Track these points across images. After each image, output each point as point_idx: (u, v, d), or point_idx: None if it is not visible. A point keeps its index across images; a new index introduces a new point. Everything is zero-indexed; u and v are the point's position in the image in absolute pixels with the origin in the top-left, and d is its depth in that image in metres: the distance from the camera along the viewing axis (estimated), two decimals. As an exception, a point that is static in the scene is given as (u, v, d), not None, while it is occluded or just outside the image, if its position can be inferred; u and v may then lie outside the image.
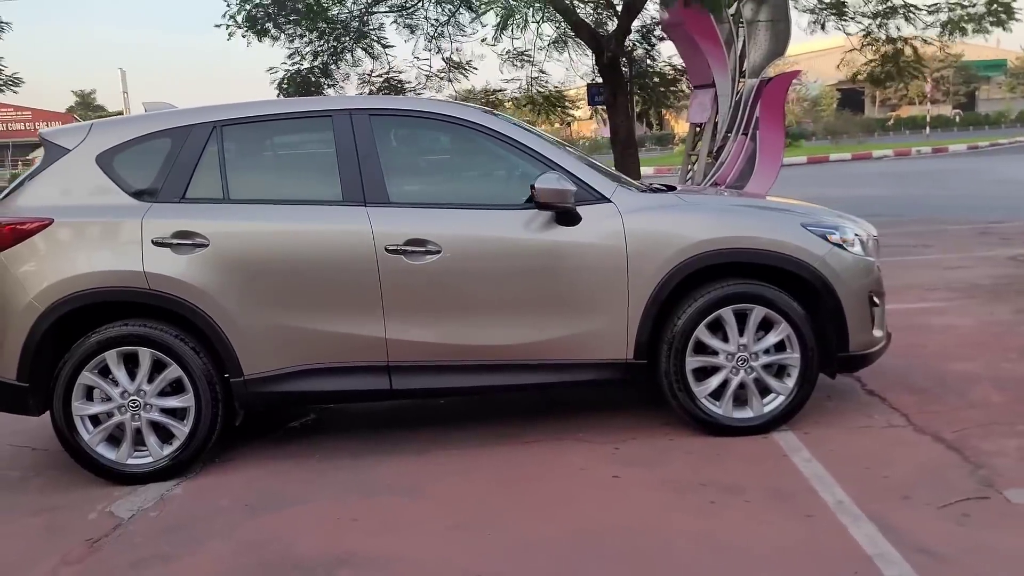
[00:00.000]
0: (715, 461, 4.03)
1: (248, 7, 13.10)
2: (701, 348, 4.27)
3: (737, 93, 14.20)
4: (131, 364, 4.12)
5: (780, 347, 4.29)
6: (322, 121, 4.30)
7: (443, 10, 14.50)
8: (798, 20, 15.64)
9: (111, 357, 4.08)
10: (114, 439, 4.18)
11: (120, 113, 35.79)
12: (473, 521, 3.57)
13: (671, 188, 4.87)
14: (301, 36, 13.81)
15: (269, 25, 13.40)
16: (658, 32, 15.62)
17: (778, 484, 3.72)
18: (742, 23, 14.16)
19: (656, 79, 16.62)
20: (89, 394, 4.13)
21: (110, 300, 4.09)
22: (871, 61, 14.57)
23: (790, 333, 4.25)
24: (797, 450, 4.09)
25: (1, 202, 4.27)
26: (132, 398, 4.11)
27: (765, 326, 4.28)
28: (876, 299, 4.44)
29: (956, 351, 5.62)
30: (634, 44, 16.04)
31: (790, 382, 4.30)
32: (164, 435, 4.19)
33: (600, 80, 15.15)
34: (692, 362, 4.25)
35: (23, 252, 4.08)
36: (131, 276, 4.06)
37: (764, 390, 4.31)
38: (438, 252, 4.12)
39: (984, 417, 4.37)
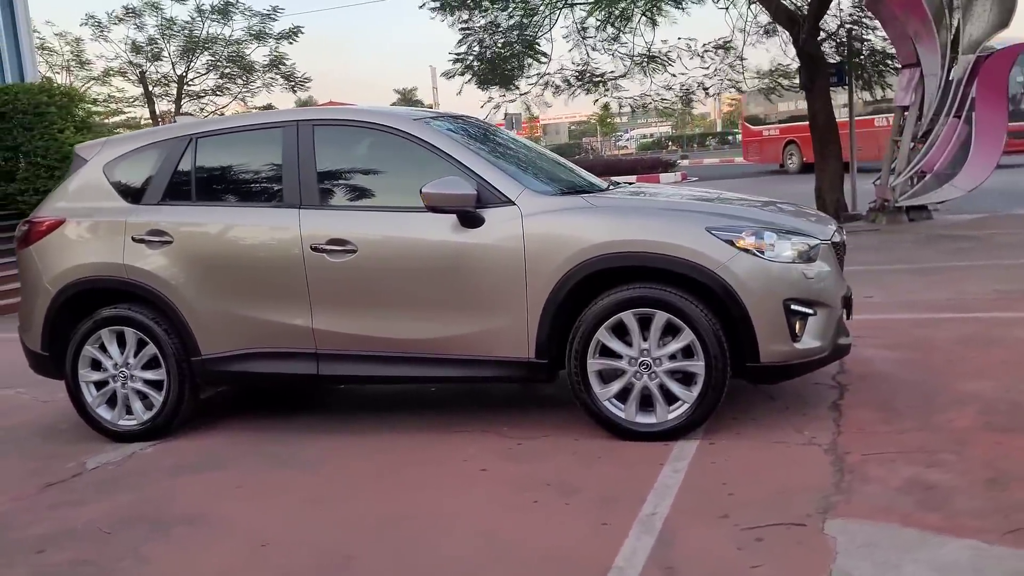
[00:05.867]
0: (589, 464, 4.05)
1: None
2: (608, 351, 4.28)
3: (949, 71, 12.92)
4: (123, 341, 4.91)
5: (688, 353, 4.19)
6: (275, 132, 4.82)
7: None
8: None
9: (105, 334, 4.88)
10: (114, 402, 4.99)
11: (431, 107, 35.99)
12: (330, 497, 3.93)
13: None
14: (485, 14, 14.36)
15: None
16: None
17: (616, 491, 3.70)
18: (956, -6, 12.84)
19: (868, 57, 15.46)
20: (93, 364, 4.96)
21: (101, 287, 4.90)
22: None
23: (694, 340, 4.14)
24: (679, 459, 4.00)
25: (42, 204, 5.25)
26: (121, 369, 4.89)
27: (673, 331, 4.20)
28: (804, 308, 4.17)
29: (990, 369, 5.01)
30: (849, 29, 15.05)
31: (696, 390, 4.19)
32: (150, 403, 4.94)
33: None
34: (594, 364, 4.27)
35: (44, 245, 5.00)
36: (114, 267, 4.84)
37: (672, 396, 4.24)
38: (355, 251, 4.49)
39: (918, 443, 3.98)
